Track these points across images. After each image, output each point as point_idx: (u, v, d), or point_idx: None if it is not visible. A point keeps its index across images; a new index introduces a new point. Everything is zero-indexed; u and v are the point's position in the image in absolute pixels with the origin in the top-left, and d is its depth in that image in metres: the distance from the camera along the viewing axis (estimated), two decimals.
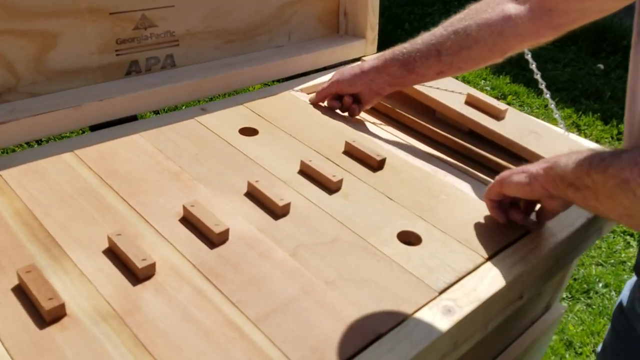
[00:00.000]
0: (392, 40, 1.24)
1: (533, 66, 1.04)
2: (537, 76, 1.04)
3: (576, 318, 1.98)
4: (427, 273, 0.77)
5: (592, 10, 0.89)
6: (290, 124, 1.06)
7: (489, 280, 0.77)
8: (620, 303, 0.95)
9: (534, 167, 0.79)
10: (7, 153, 1.48)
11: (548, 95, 1.04)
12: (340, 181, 0.91)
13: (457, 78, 3.59)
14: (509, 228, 0.86)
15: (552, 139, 1.03)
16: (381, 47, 1.23)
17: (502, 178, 0.83)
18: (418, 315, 0.72)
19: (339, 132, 1.06)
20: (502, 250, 0.83)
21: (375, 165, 0.97)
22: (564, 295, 2.07)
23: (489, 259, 0.81)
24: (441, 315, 0.72)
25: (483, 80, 3.35)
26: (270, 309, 0.70)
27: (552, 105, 1.03)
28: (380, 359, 0.65)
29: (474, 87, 3.28)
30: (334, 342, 0.66)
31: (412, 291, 0.74)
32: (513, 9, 0.92)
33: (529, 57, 1.04)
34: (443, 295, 0.75)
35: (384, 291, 0.74)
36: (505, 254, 0.82)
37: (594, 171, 0.68)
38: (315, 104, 1.13)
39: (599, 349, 1.01)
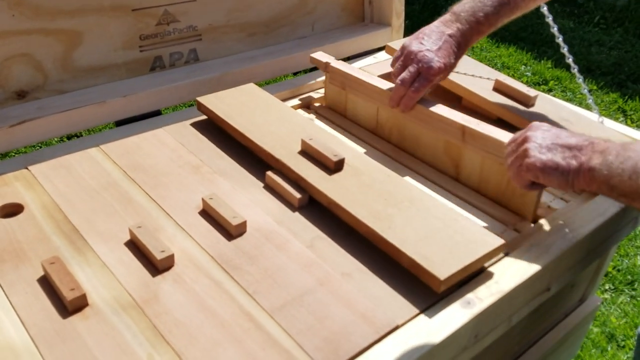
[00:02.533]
0: None
1: (565, 50, 1.00)
2: (569, 60, 1.00)
3: (619, 310, 1.91)
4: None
5: None
6: (246, 120, 0.98)
7: (512, 273, 0.75)
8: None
9: (574, 160, 0.72)
10: (36, 149, 1.53)
11: (581, 80, 1.00)
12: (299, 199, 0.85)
13: (497, 63, 3.46)
14: (474, 242, 0.75)
15: (584, 126, 0.99)
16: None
17: (535, 168, 0.74)
18: (436, 307, 0.70)
19: (301, 128, 0.96)
20: (456, 289, 0.73)
21: (331, 166, 0.87)
22: (607, 287, 1.99)
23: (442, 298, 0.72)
24: (460, 308, 0.70)
25: (524, 66, 3.25)
26: (285, 300, 0.70)
27: (585, 90, 0.98)
28: (395, 351, 0.65)
29: (514, 72, 3.19)
30: (349, 333, 0.66)
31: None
32: None
33: (560, 40, 1.00)
34: (464, 287, 0.73)
35: (403, 283, 0.73)
36: (530, 245, 0.80)
37: None
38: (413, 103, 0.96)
39: (638, 331, 0.98)
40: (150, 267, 0.73)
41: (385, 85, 1.01)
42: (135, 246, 0.76)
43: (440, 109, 0.94)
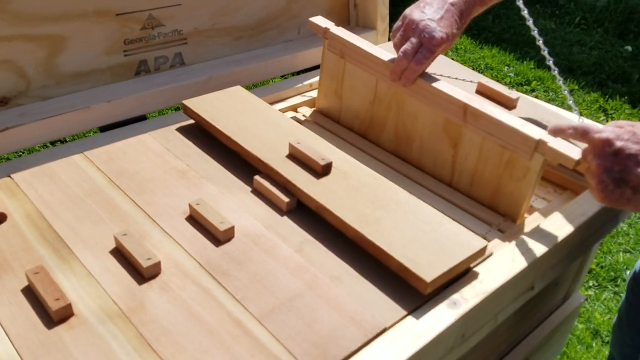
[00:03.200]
0: None
1: (545, 52, 1.01)
2: (550, 62, 1.01)
3: (603, 306, 1.94)
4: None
5: None
6: (233, 123, 0.96)
7: (496, 273, 0.76)
8: (634, 273, 0.93)
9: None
10: (19, 156, 1.52)
11: (561, 82, 1.01)
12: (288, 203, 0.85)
13: (480, 64, 3.49)
14: (459, 245, 0.75)
15: None
16: None
17: (603, 195, 0.71)
18: (423, 308, 0.71)
19: (289, 131, 0.96)
20: (444, 289, 0.74)
21: (319, 170, 0.87)
22: (591, 284, 2.02)
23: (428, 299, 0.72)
24: (447, 308, 0.71)
25: (507, 67, 3.28)
26: (274, 305, 0.70)
27: (566, 92, 1.00)
28: (384, 353, 0.65)
29: (497, 73, 3.22)
30: (338, 337, 0.66)
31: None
32: None
33: (540, 42, 1.01)
34: (449, 288, 0.74)
35: (390, 285, 0.73)
36: (513, 245, 0.81)
37: None
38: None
39: (614, 320, 1.00)
40: (137, 275, 0.73)
41: (387, 56, 0.97)
42: (120, 254, 0.76)
43: (442, 85, 0.92)
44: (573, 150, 0.77)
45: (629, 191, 0.68)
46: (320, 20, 1.07)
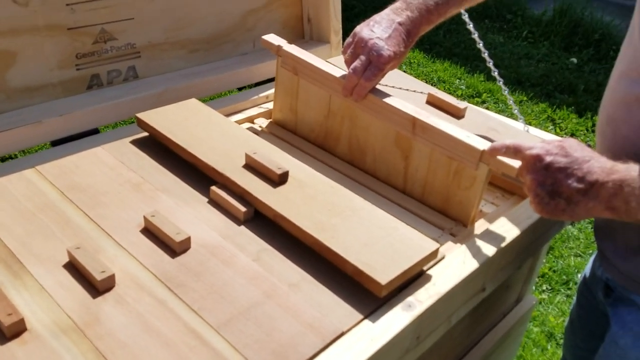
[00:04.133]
0: None
1: (490, 64, 1.06)
2: (495, 73, 1.06)
3: (557, 309, 2.00)
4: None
5: None
6: (188, 135, 0.97)
7: (448, 275, 0.78)
8: (584, 277, 0.97)
9: (583, 196, 0.70)
10: None
11: (507, 92, 1.06)
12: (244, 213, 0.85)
13: (433, 77, 3.57)
14: (412, 248, 0.77)
15: (511, 136, 1.05)
16: None
17: (540, 207, 0.74)
18: (379, 311, 0.73)
19: (245, 142, 0.97)
20: (398, 292, 0.76)
21: (276, 179, 0.88)
22: (544, 287, 2.09)
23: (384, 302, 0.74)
24: (401, 311, 0.73)
25: (458, 80, 3.38)
26: (231, 314, 0.70)
27: (511, 101, 1.04)
28: (341, 358, 0.66)
29: (449, 86, 3.31)
30: (296, 344, 0.67)
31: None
32: None
33: (485, 55, 1.06)
34: (404, 291, 0.76)
35: (348, 290, 0.75)
36: (464, 248, 0.83)
37: None
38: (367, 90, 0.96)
39: (566, 323, 1.04)
40: (91, 289, 0.72)
41: (338, 72, 1.01)
42: (74, 268, 0.74)
43: (392, 100, 0.95)
44: (515, 160, 0.81)
45: (563, 202, 0.72)
46: (272, 38, 1.09)
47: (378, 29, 0.92)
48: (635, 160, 0.70)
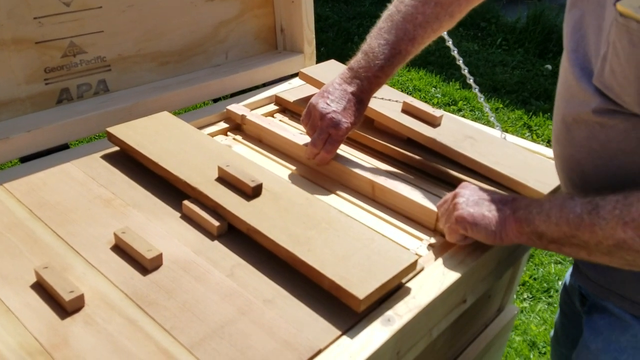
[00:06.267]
0: (343, 54, 1.25)
1: (465, 71, 1.06)
2: (471, 81, 1.06)
3: (538, 317, 2.00)
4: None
5: None
6: (159, 149, 0.95)
7: (428, 287, 0.77)
8: (565, 285, 0.97)
9: (500, 213, 0.77)
10: None
11: (482, 100, 1.06)
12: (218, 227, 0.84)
13: (409, 86, 3.57)
14: (390, 260, 0.76)
15: (488, 143, 1.05)
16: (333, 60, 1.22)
17: (464, 220, 0.79)
18: (358, 327, 0.71)
19: (218, 155, 0.95)
20: (378, 306, 0.75)
21: (249, 192, 0.87)
22: (525, 296, 2.09)
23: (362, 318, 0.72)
24: (381, 326, 0.71)
25: (434, 88, 3.40)
26: (205, 333, 0.68)
27: (487, 108, 1.04)
28: None
29: (425, 94, 3.33)
30: None
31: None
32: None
33: (460, 63, 1.06)
34: (383, 305, 0.75)
35: (324, 305, 0.73)
36: (443, 259, 0.82)
37: (579, 232, 0.68)
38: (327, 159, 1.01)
39: (551, 333, 1.04)
40: (59, 310, 0.69)
41: (301, 139, 1.06)
42: (42, 288, 0.72)
43: (352, 164, 1.00)
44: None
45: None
46: (236, 108, 1.13)
47: (333, 102, 0.97)
48: (583, 179, 0.74)
